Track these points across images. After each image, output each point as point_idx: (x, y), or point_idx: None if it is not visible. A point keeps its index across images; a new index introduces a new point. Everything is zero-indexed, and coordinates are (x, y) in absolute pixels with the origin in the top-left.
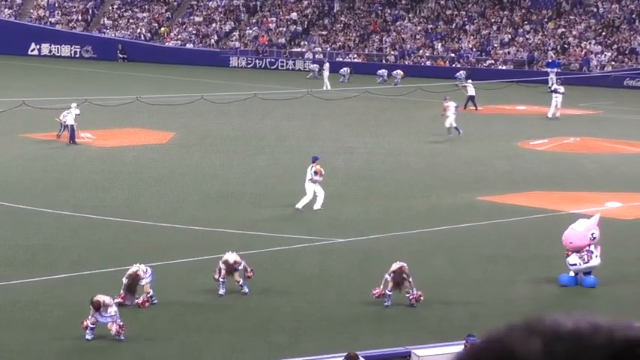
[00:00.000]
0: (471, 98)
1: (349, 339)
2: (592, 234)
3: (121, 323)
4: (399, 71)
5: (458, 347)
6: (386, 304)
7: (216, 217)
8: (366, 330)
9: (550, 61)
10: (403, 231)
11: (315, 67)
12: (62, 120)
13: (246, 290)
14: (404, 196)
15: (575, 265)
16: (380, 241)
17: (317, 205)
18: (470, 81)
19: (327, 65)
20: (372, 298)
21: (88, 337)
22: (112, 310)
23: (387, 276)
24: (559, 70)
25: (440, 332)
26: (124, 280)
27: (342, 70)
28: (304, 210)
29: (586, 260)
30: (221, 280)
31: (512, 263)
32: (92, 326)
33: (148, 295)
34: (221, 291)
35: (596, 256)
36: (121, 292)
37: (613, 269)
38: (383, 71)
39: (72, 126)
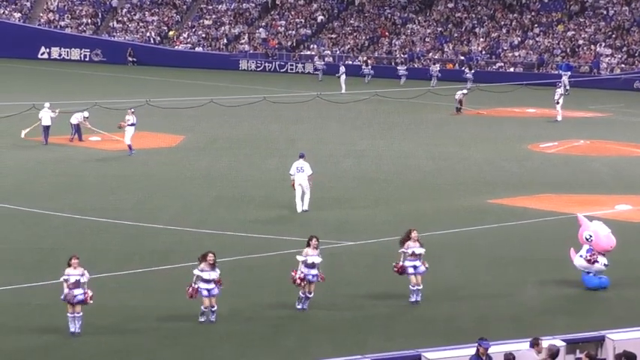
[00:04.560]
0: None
1: (359, 342)
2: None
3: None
4: (435, 68)
5: (469, 350)
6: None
7: (225, 221)
8: (376, 333)
9: (562, 64)
10: None
11: (321, 65)
12: (80, 122)
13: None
14: (413, 198)
15: (607, 265)
16: (390, 244)
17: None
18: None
19: (342, 68)
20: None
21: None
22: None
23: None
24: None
25: (450, 335)
26: None
27: (364, 71)
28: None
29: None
30: (307, 294)
31: (523, 266)
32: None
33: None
34: (299, 306)
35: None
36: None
37: (623, 272)
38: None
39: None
